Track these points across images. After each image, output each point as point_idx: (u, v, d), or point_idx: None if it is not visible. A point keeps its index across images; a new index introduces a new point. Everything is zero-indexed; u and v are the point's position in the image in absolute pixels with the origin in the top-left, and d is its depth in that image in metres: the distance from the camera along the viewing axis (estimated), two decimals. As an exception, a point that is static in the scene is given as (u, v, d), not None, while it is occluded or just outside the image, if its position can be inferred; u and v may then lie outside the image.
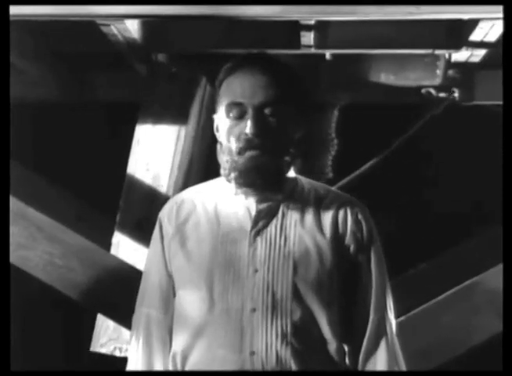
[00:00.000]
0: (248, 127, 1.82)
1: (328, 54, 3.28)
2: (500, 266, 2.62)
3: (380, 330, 1.92)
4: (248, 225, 1.88)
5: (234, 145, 1.85)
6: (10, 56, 3.03)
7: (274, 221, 1.89)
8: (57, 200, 3.75)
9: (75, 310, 3.16)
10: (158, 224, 1.97)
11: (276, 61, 1.92)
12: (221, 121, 1.89)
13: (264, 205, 1.89)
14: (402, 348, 1.94)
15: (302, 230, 1.89)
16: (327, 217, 1.92)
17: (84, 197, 3.86)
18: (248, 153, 1.83)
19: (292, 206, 1.91)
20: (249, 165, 1.84)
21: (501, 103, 3.29)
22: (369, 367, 1.90)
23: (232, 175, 1.86)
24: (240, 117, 1.84)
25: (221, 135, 1.90)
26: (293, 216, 1.90)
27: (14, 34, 2.84)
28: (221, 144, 1.91)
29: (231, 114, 1.85)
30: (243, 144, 1.83)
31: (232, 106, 1.85)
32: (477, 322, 2.59)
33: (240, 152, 1.84)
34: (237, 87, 1.85)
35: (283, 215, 1.90)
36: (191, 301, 1.88)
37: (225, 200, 1.92)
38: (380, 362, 1.90)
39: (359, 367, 1.91)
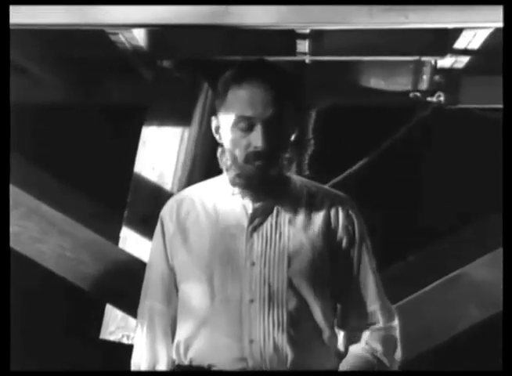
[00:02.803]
0: (259, 141, 1.79)
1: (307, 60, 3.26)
2: (482, 259, 2.62)
3: (385, 318, 1.92)
4: (245, 221, 1.88)
5: (241, 154, 1.82)
6: (21, 60, 3.04)
7: (269, 218, 1.89)
8: (69, 198, 3.76)
9: (82, 301, 3.17)
10: (160, 222, 1.97)
11: (278, 69, 1.88)
12: (226, 129, 1.85)
13: (259, 204, 1.89)
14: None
15: (296, 226, 1.89)
16: (319, 213, 1.92)
17: (93, 194, 3.86)
18: (256, 164, 1.81)
19: (286, 204, 1.90)
20: (256, 175, 1.82)
21: (484, 106, 3.34)
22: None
23: (238, 180, 1.84)
24: (248, 129, 1.81)
25: (225, 141, 1.87)
26: (287, 213, 1.90)
27: (25, 37, 2.85)
28: (222, 147, 1.90)
29: (239, 126, 1.81)
30: (252, 155, 1.80)
31: (241, 119, 1.81)
32: (461, 312, 2.59)
33: (248, 161, 1.81)
34: (246, 100, 1.80)
35: (278, 213, 1.90)
36: (193, 294, 1.88)
37: (223, 198, 1.92)
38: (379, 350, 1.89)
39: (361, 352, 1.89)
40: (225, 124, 1.87)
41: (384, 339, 1.90)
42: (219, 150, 1.90)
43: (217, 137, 1.93)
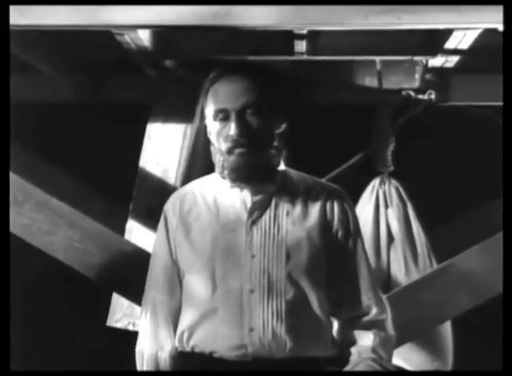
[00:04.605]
0: (232, 128, 1.83)
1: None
2: (472, 249, 2.61)
3: (378, 309, 1.93)
4: (244, 215, 1.88)
5: (224, 145, 1.86)
6: (29, 59, 3.03)
7: (267, 212, 1.89)
8: (78, 192, 3.76)
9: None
10: (163, 216, 1.98)
11: (253, 67, 1.94)
12: (211, 125, 1.90)
13: (258, 197, 1.89)
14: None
15: (293, 219, 1.89)
16: (316, 206, 1.93)
17: (101, 189, 3.86)
18: (237, 151, 1.84)
19: (283, 197, 1.91)
20: (239, 162, 1.85)
21: (473, 103, 3.34)
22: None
23: (226, 172, 1.87)
24: (225, 120, 1.85)
25: (212, 137, 1.91)
26: (284, 207, 1.90)
27: (31, 36, 2.83)
28: (213, 146, 1.92)
29: (217, 119, 1.86)
30: (231, 144, 1.84)
31: (217, 112, 1.86)
32: (451, 300, 2.59)
33: (230, 151, 1.85)
34: (221, 94, 1.86)
35: (276, 206, 1.90)
36: (196, 285, 1.89)
37: (222, 193, 1.93)
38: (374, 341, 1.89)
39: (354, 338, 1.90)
40: (209, 122, 1.91)
41: (385, 342, 1.90)
42: (211, 148, 1.92)
43: (210, 138, 1.95)
